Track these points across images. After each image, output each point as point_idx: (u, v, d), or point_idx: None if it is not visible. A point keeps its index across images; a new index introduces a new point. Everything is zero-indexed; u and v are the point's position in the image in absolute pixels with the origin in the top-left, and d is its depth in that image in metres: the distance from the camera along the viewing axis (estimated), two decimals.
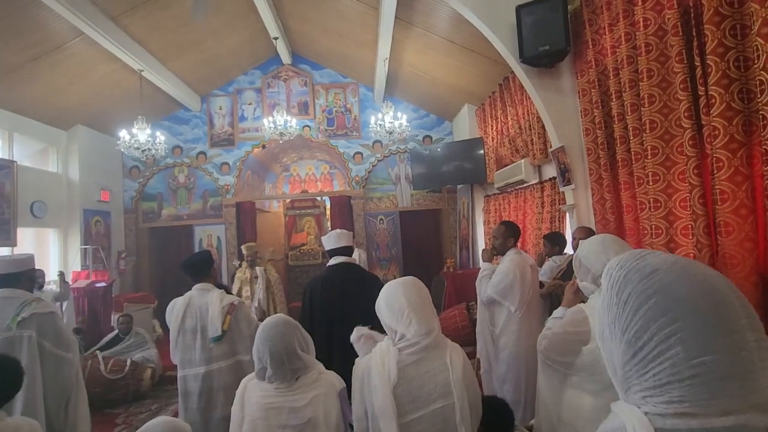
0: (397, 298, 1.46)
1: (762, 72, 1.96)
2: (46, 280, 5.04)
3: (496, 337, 2.95)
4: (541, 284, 3.17)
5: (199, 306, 2.50)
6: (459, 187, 7.60)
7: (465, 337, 4.55)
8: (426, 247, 8.11)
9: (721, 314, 0.63)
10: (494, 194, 6.41)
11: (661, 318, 0.63)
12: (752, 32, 2.02)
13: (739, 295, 0.66)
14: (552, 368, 1.68)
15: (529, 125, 4.82)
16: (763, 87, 1.96)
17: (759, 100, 2.00)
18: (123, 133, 5.70)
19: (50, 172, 6.44)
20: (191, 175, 7.99)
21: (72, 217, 6.55)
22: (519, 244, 3.06)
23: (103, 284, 5.92)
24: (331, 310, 2.41)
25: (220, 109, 8.08)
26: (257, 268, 5.09)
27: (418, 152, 7.38)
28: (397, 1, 4.62)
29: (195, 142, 8.00)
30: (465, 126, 7.18)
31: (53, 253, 6.45)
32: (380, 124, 6.21)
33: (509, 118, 5.43)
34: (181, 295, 2.61)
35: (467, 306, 5.03)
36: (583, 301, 1.68)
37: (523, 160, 5.08)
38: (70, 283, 5.62)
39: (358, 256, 6.11)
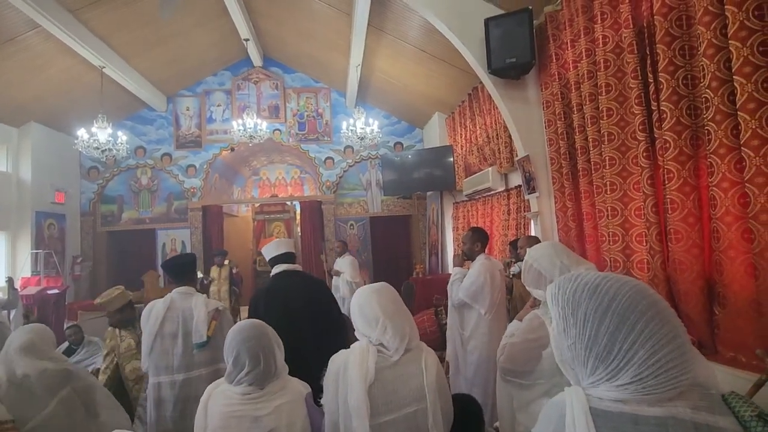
0: (371, 307, 1.46)
1: (707, 90, 2.10)
2: None
3: (465, 341, 3.01)
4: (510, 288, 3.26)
5: (181, 310, 2.39)
6: (429, 193, 7.70)
7: (434, 342, 4.58)
8: (396, 252, 8.15)
9: (657, 308, 0.73)
10: (463, 201, 6.54)
11: (623, 328, 0.72)
12: (699, 53, 2.18)
13: (653, 290, 0.78)
14: (511, 384, 1.68)
15: (497, 134, 4.96)
16: (709, 104, 2.10)
17: (705, 116, 2.15)
18: (81, 132, 5.43)
19: None
20: (155, 177, 7.71)
21: (22, 219, 6.16)
22: (486, 250, 3.14)
23: (55, 291, 5.59)
24: (278, 320, 2.33)
25: (187, 109, 7.86)
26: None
27: (389, 158, 7.44)
28: (370, 8, 4.67)
29: (160, 143, 7.73)
30: (435, 134, 7.30)
31: None
32: (352, 130, 6.23)
33: (478, 127, 5.56)
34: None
35: (436, 311, 5.08)
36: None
37: (490, 168, 5.21)
38: (19, 289, 5.28)
39: (350, 263, 5.63)
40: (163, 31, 5.88)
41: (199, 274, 6.61)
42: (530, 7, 3.59)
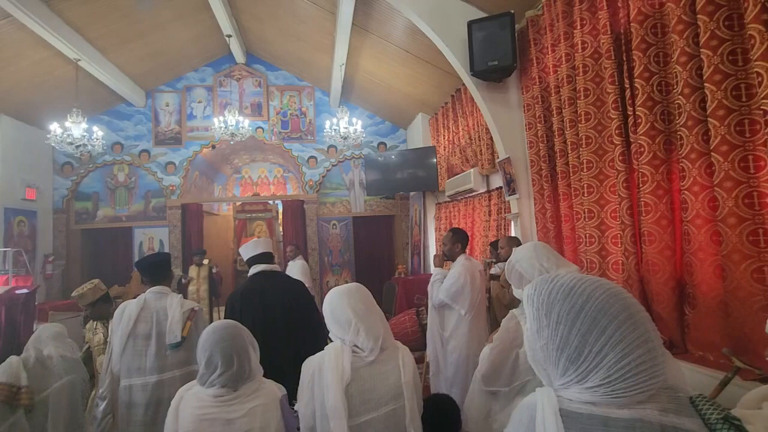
0: (342, 310, 1.46)
1: (680, 97, 2.17)
2: None
3: (446, 341, 3.02)
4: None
5: (156, 310, 2.35)
6: (411, 194, 7.73)
7: (414, 342, 4.60)
8: (378, 252, 8.15)
9: (629, 312, 0.74)
10: (445, 202, 6.58)
11: (594, 330, 0.72)
12: (672, 60, 2.24)
13: (628, 293, 0.79)
14: (494, 396, 1.68)
15: (479, 136, 5.00)
16: (681, 110, 2.17)
17: (677, 121, 2.21)
18: (54, 126, 5.25)
19: None
20: (132, 174, 7.52)
21: None
22: (467, 251, 3.16)
23: (25, 291, 5.38)
24: (254, 321, 2.27)
25: (167, 105, 7.69)
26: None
27: (373, 158, 7.43)
28: (354, 7, 4.65)
29: (138, 139, 7.54)
30: (419, 134, 7.32)
31: None
32: (335, 129, 6.20)
33: (460, 129, 5.61)
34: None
35: (417, 311, 5.10)
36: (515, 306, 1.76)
37: (472, 170, 5.25)
38: None
39: (301, 267, 5.47)
40: (141, 24, 5.74)
41: (178, 272, 6.50)
42: (512, 11, 3.63)
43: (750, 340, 1.91)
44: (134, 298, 3.01)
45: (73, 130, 5.34)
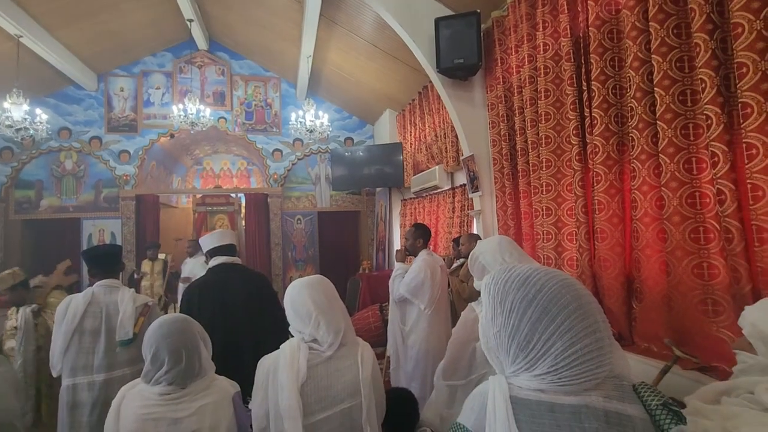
0: (303, 302, 1.43)
1: (632, 100, 2.27)
2: None
3: (406, 335, 3.03)
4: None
5: (105, 304, 2.23)
6: (378, 190, 7.71)
7: (377, 338, 4.60)
8: (343, 248, 8.09)
9: (579, 302, 0.75)
10: (410, 198, 6.61)
11: (544, 319, 0.74)
12: (626, 65, 2.34)
13: (581, 285, 0.80)
14: (453, 390, 1.71)
15: (444, 133, 5.05)
16: (633, 113, 2.27)
17: (629, 124, 2.31)
18: None
19: None
20: (81, 161, 7.06)
21: None
22: (431, 247, 3.17)
23: None
24: (213, 316, 2.20)
25: (122, 90, 7.26)
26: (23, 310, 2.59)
27: (339, 153, 7.36)
28: None
29: (88, 125, 7.08)
30: (386, 130, 7.32)
31: None
32: (301, 122, 6.08)
33: (426, 126, 5.64)
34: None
35: (380, 307, 5.10)
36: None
37: (437, 167, 5.30)
38: None
39: (202, 264, 5.36)
40: (92, 3, 5.37)
41: (131, 266, 6.17)
42: (479, 11, 3.68)
43: (689, 332, 2.02)
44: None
45: (13, 111, 4.94)
